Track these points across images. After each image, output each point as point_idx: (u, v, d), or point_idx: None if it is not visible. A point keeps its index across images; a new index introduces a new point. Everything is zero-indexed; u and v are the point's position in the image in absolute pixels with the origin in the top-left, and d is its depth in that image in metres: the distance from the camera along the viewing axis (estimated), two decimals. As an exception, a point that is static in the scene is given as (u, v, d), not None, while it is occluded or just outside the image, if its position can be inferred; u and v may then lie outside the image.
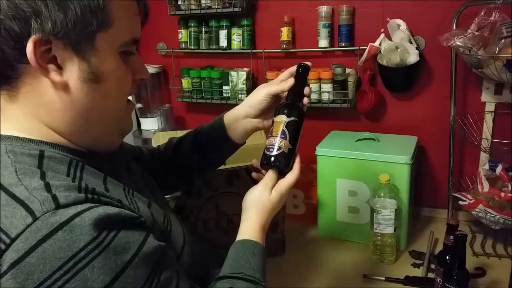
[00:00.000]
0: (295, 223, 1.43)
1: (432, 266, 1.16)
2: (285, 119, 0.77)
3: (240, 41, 1.58)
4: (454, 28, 1.24)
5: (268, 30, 1.57)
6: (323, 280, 1.15)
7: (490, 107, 1.35)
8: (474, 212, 1.24)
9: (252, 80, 1.63)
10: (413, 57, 1.33)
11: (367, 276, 1.14)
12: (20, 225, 0.46)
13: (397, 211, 1.19)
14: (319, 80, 1.46)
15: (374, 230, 1.21)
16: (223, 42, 1.60)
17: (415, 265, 1.19)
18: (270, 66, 1.61)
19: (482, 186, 1.28)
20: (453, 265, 0.94)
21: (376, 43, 1.38)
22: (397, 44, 1.34)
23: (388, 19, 1.37)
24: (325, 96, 1.47)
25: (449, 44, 1.14)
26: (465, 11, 1.22)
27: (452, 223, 0.99)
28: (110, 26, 0.55)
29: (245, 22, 1.56)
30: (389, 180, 1.17)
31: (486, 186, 1.26)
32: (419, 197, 1.48)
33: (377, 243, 1.22)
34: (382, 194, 1.18)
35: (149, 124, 1.78)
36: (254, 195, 0.74)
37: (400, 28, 1.36)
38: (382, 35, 1.38)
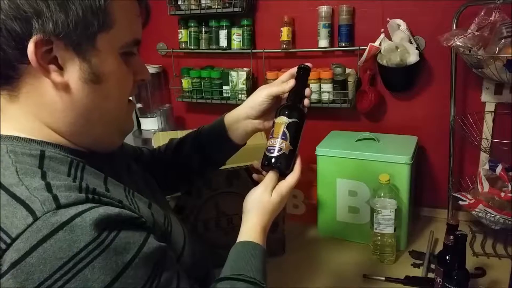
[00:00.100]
0: (295, 223, 1.43)
1: (432, 266, 1.16)
2: (286, 120, 0.77)
3: (240, 41, 1.58)
4: (454, 28, 1.24)
5: (268, 30, 1.57)
6: (323, 280, 1.15)
7: (490, 107, 1.35)
8: (474, 212, 1.24)
9: (252, 80, 1.63)
10: (413, 57, 1.33)
11: (367, 276, 1.14)
12: (20, 225, 0.46)
13: (397, 211, 1.19)
14: (319, 80, 1.46)
15: (374, 230, 1.21)
16: (223, 42, 1.60)
17: (415, 265, 1.19)
18: (270, 66, 1.61)
19: (482, 186, 1.28)
20: (453, 265, 0.94)
21: (376, 43, 1.38)
22: (397, 44, 1.34)
23: (388, 19, 1.38)
24: (325, 96, 1.47)
25: (449, 44, 1.14)
26: (465, 11, 1.22)
27: (452, 223, 0.99)
28: (111, 27, 0.55)
29: (245, 22, 1.56)
30: (389, 180, 1.17)
31: (486, 186, 1.27)
32: (419, 197, 1.48)
33: (377, 243, 1.23)
34: (382, 194, 1.18)
35: (149, 124, 1.78)
36: (254, 197, 0.74)
37: (400, 28, 1.36)
38: (382, 35, 1.38)
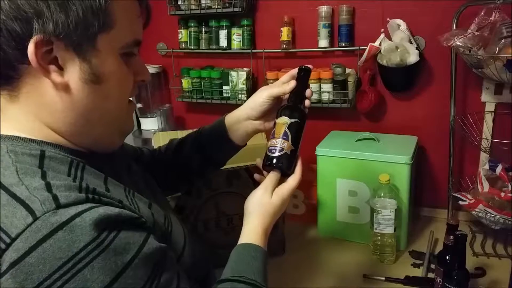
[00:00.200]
0: (295, 223, 1.43)
1: (432, 266, 1.16)
2: (288, 121, 0.77)
3: (240, 41, 1.58)
4: (454, 28, 1.24)
5: (268, 30, 1.57)
6: (323, 280, 1.15)
7: (490, 107, 1.35)
8: (474, 212, 1.24)
9: (252, 80, 1.63)
10: (413, 57, 1.33)
11: (367, 276, 1.14)
12: (20, 224, 0.46)
13: (397, 211, 1.19)
14: (319, 80, 1.46)
15: (374, 230, 1.21)
16: (223, 42, 1.60)
17: (415, 265, 1.19)
18: (270, 66, 1.61)
19: (482, 186, 1.28)
20: (453, 265, 0.94)
21: (376, 43, 1.38)
22: (397, 44, 1.34)
23: (388, 19, 1.37)
24: (325, 96, 1.47)
25: (449, 44, 1.14)
26: (465, 11, 1.22)
27: (452, 223, 0.99)
28: (111, 27, 0.55)
29: (245, 22, 1.56)
30: (389, 180, 1.17)
31: (486, 186, 1.27)
32: (419, 197, 1.48)
33: (377, 243, 1.22)
34: (382, 194, 1.18)
35: (149, 124, 1.78)
36: (255, 199, 0.74)
37: (400, 28, 1.36)
38: (382, 35, 1.38)
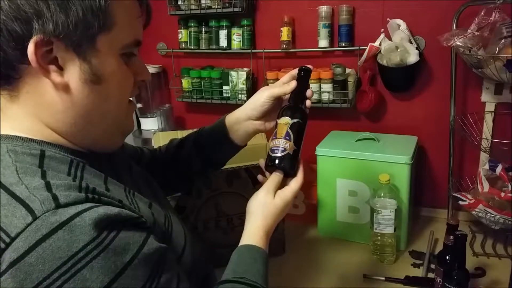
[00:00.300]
0: (295, 223, 1.43)
1: (432, 266, 1.16)
2: (289, 121, 0.77)
3: (240, 41, 1.58)
4: (454, 28, 1.24)
5: (268, 30, 1.57)
6: (323, 280, 1.15)
7: (490, 107, 1.35)
8: (474, 212, 1.24)
9: (252, 80, 1.63)
10: (413, 57, 1.33)
11: (367, 276, 1.14)
12: (20, 224, 0.46)
13: (397, 211, 1.19)
14: (319, 80, 1.46)
15: (374, 230, 1.21)
16: (223, 42, 1.60)
17: (415, 265, 1.19)
18: (270, 66, 1.60)
19: (482, 186, 1.28)
20: (453, 265, 0.94)
21: (376, 43, 1.38)
22: (397, 44, 1.34)
23: (388, 19, 1.38)
24: (325, 96, 1.47)
25: (449, 44, 1.14)
26: (465, 11, 1.22)
27: (452, 223, 0.99)
28: (111, 27, 0.54)
29: (245, 22, 1.56)
30: (389, 180, 1.17)
31: (486, 186, 1.26)
32: (419, 197, 1.48)
33: (377, 243, 1.22)
34: (382, 194, 1.18)
35: (149, 124, 1.78)
36: (258, 199, 0.74)
37: (400, 28, 1.36)
38: (382, 35, 1.38)
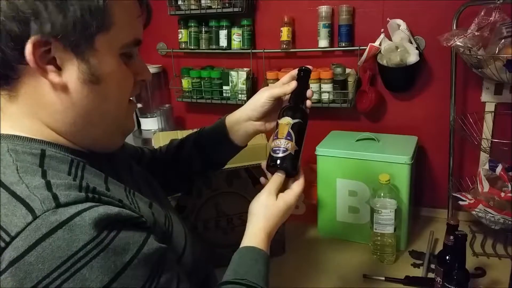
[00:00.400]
0: (295, 223, 1.43)
1: (432, 266, 1.16)
2: (291, 121, 0.77)
3: (240, 41, 1.58)
4: (454, 28, 1.24)
5: (268, 30, 1.57)
6: (323, 280, 1.15)
7: (490, 107, 1.35)
8: (474, 212, 1.24)
9: (252, 80, 1.63)
10: (413, 57, 1.33)
11: (367, 276, 1.14)
12: (20, 223, 0.46)
13: (397, 211, 1.19)
14: (319, 80, 1.46)
15: (374, 230, 1.21)
16: (223, 42, 1.60)
17: (415, 265, 1.19)
18: (270, 66, 1.60)
19: (482, 186, 1.27)
20: (453, 265, 0.94)
21: (376, 43, 1.38)
22: (397, 44, 1.34)
23: (388, 19, 1.38)
24: (325, 96, 1.47)
25: (449, 44, 1.14)
26: (465, 11, 1.22)
27: (452, 223, 0.99)
28: (110, 27, 0.54)
29: (245, 22, 1.56)
30: (389, 180, 1.17)
31: (486, 186, 1.26)
32: (419, 197, 1.48)
33: (377, 243, 1.22)
34: (382, 194, 1.18)
35: (149, 124, 1.78)
36: (260, 201, 0.73)
37: (400, 28, 1.36)
38: (382, 35, 1.38)
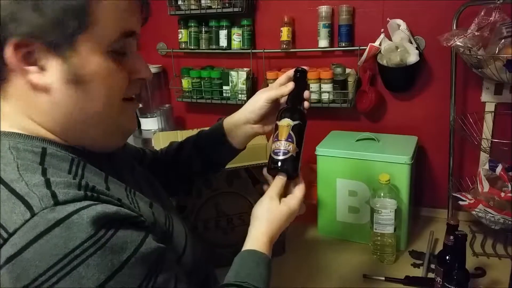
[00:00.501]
0: (295, 223, 1.40)
1: (432, 266, 1.16)
2: (291, 123, 0.76)
3: (240, 41, 1.58)
4: (454, 28, 1.24)
5: (268, 30, 1.57)
6: (323, 280, 1.15)
7: (490, 107, 1.35)
8: (474, 212, 1.24)
9: (252, 80, 1.63)
10: (413, 57, 1.33)
11: (367, 276, 1.14)
12: (18, 220, 0.46)
13: (397, 211, 1.18)
14: (319, 80, 1.46)
15: (374, 230, 1.21)
16: (223, 42, 1.60)
17: (415, 265, 1.19)
18: (270, 66, 1.61)
19: (482, 186, 1.27)
20: (453, 265, 0.94)
21: (376, 43, 1.38)
22: (397, 44, 1.34)
23: (388, 19, 1.37)
24: (325, 96, 1.47)
25: (449, 44, 1.14)
26: (465, 11, 1.22)
27: (452, 223, 0.99)
28: (92, 26, 0.52)
29: (245, 22, 1.56)
30: (389, 180, 1.17)
31: (486, 186, 1.26)
32: (419, 197, 1.48)
33: (377, 243, 1.22)
34: (382, 194, 1.18)
35: (149, 124, 1.78)
36: (263, 205, 0.74)
37: (400, 28, 1.36)
38: (382, 35, 1.38)
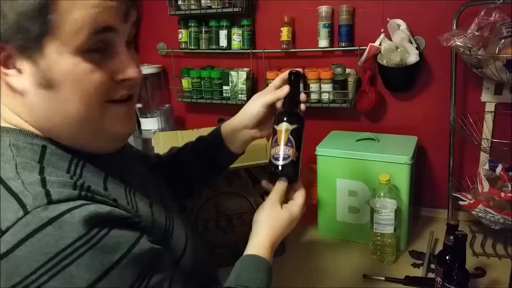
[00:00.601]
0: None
1: (432, 266, 1.16)
2: (289, 127, 0.76)
3: (240, 41, 1.58)
4: (454, 28, 1.24)
5: (268, 30, 1.57)
6: (323, 280, 1.15)
7: (490, 107, 1.35)
8: (474, 212, 1.24)
9: (252, 80, 1.63)
10: (413, 57, 1.33)
11: (367, 276, 1.14)
12: (11, 218, 0.46)
13: (397, 211, 1.18)
14: (319, 80, 1.46)
15: (374, 230, 1.21)
16: (223, 42, 1.60)
17: (415, 265, 1.19)
18: (270, 66, 1.60)
19: (482, 186, 1.27)
20: (453, 265, 0.94)
21: (376, 43, 1.38)
22: (397, 44, 1.34)
23: (388, 19, 1.37)
24: (325, 96, 1.47)
25: (449, 44, 1.14)
26: (465, 11, 1.22)
27: (452, 223, 0.99)
28: (57, 28, 0.51)
29: (245, 22, 1.56)
30: (389, 180, 1.17)
31: (486, 186, 1.26)
32: (419, 197, 1.48)
33: (377, 243, 1.22)
34: (382, 194, 1.18)
35: (149, 124, 1.78)
36: (265, 211, 0.73)
37: (400, 28, 1.36)
38: (382, 35, 1.38)
